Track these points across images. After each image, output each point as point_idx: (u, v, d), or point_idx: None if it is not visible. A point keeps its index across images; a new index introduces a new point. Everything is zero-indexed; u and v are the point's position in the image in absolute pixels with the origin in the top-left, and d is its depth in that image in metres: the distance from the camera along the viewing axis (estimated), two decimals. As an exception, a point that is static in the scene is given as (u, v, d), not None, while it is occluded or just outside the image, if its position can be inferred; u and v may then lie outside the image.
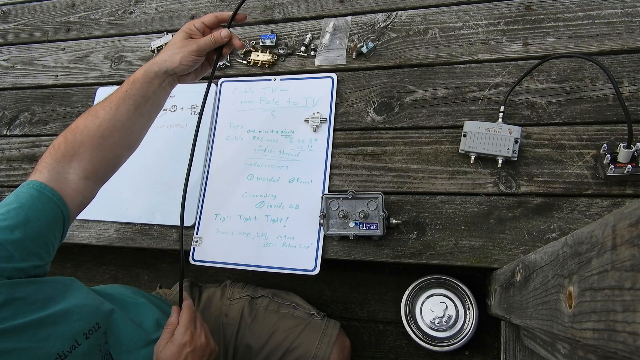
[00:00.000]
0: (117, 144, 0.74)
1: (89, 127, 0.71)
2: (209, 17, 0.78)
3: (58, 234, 0.66)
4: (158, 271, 1.52)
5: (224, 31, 0.77)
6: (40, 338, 0.55)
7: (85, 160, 0.70)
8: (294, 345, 0.92)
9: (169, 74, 0.76)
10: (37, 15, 1.41)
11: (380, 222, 0.84)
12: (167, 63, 0.74)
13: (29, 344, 0.54)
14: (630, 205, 0.34)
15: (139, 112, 0.74)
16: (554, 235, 0.81)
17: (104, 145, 0.72)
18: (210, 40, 0.76)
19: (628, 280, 0.32)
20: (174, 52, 0.75)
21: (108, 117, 0.71)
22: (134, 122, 0.75)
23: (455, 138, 0.92)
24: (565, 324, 0.44)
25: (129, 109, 0.73)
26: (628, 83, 0.87)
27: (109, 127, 0.71)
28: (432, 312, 1.13)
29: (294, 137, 1.00)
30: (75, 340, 0.60)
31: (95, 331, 0.64)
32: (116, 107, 0.72)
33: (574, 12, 0.95)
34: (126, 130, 0.74)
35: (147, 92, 0.74)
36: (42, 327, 0.56)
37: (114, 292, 0.81)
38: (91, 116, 0.72)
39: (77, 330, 0.60)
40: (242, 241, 0.96)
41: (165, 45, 0.77)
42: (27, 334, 0.54)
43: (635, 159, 0.78)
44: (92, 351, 0.62)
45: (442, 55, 0.99)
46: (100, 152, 0.71)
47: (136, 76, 0.75)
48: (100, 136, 0.71)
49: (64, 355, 0.57)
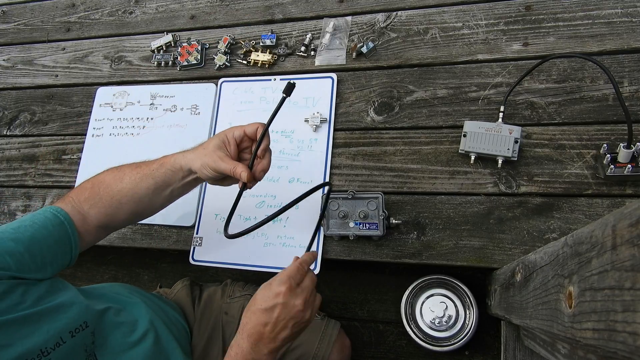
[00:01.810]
0: (130, 211, 0.77)
1: (112, 187, 0.75)
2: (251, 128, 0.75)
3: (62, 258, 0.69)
4: (158, 271, 1.52)
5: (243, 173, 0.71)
6: (23, 335, 0.56)
7: (101, 213, 0.75)
8: (294, 345, 0.92)
9: (193, 172, 0.75)
10: (37, 15, 1.41)
11: (380, 222, 0.84)
12: (191, 163, 0.74)
13: (11, 340, 0.55)
14: (630, 205, 0.34)
15: (158, 194, 0.77)
16: (554, 235, 0.81)
17: (119, 209, 0.76)
18: (228, 169, 0.72)
19: (628, 280, 0.32)
20: (199, 156, 0.73)
21: (129, 187, 0.75)
22: (151, 199, 0.77)
23: (455, 138, 0.92)
24: (565, 324, 0.44)
25: (149, 187, 0.76)
26: (628, 83, 0.87)
27: (127, 195, 0.75)
28: (432, 312, 1.13)
29: (294, 137, 1.00)
30: (60, 338, 0.60)
31: (82, 330, 0.64)
32: (139, 180, 0.75)
33: (574, 12, 0.95)
34: (142, 204, 0.77)
35: (170, 179, 0.76)
36: (26, 324, 0.57)
37: (108, 291, 0.81)
38: (118, 177, 0.76)
39: (62, 328, 0.61)
40: (242, 241, 0.96)
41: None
42: (10, 330, 0.55)
43: (635, 159, 0.78)
44: (76, 350, 0.62)
45: (442, 55, 0.99)
46: (114, 212, 0.76)
47: (167, 160, 0.76)
48: (118, 200, 0.75)
49: (47, 352, 0.57)
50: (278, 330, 0.64)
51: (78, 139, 1.17)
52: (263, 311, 0.65)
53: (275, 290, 0.65)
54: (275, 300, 0.65)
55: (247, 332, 0.65)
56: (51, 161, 1.17)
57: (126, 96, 1.17)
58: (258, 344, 0.64)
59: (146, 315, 0.79)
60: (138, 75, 1.20)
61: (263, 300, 0.65)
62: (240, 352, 0.65)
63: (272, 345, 0.64)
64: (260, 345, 0.64)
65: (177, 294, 1.00)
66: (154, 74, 1.19)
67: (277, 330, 0.64)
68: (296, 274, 0.67)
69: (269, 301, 0.65)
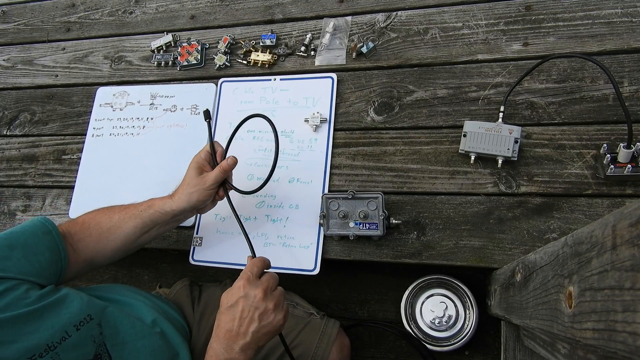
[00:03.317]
0: (117, 248, 0.81)
1: (101, 224, 0.80)
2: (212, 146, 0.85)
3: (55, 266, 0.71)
4: (158, 271, 1.52)
5: (229, 159, 0.82)
6: (28, 331, 0.58)
7: (89, 249, 0.79)
8: (293, 344, 0.92)
9: (187, 211, 0.83)
10: (37, 15, 1.41)
11: (380, 222, 0.84)
12: (185, 204, 0.81)
13: (16, 336, 0.56)
14: (630, 205, 0.34)
15: (145, 232, 0.83)
16: (554, 235, 0.81)
17: (107, 245, 0.80)
18: (220, 172, 0.82)
19: (628, 280, 0.32)
20: (191, 191, 0.81)
21: (117, 225, 0.80)
22: (138, 237, 0.82)
23: (455, 138, 0.91)
24: (565, 324, 0.44)
25: (137, 226, 0.81)
26: (628, 83, 0.87)
27: (114, 232, 0.80)
28: (432, 312, 1.13)
29: (294, 137, 1.00)
30: (66, 332, 0.61)
31: (87, 323, 0.65)
32: (127, 219, 0.81)
33: (574, 12, 0.95)
34: (129, 241, 0.82)
35: (158, 220, 0.82)
36: (30, 321, 0.59)
37: (109, 291, 0.82)
38: (107, 216, 0.81)
39: (66, 322, 0.62)
40: (242, 241, 0.95)
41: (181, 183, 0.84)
42: (14, 326, 0.57)
43: (635, 159, 0.78)
44: (83, 342, 0.64)
45: (442, 55, 0.99)
46: (101, 248, 0.80)
47: (155, 202, 0.83)
48: (106, 237, 0.80)
49: (54, 346, 0.59)
50: (246, 323, 0.67)
51: (78, 139, 1.17)
52: (228, 308, 0.68)
53: (235, 286, 0.70)
54: (237, 294, 0.68)
55: (218, 333, 0.69)
56: (51, 161, 1.17)
57: (126, 96, 1.17)
58: (229, 343, 0.67)
59: (149, 313, 0.80)
60: (138, 75, 1.20)
61: (226, 299, 0.69)
62: (214, 355, 0.68)
63: (243, 341, 0.67)
64: (232, 343, 0.67)
65: (176, 294, 1.00)
66: (154, 74, 1.19)
67: (245, 324, 0.67)
68: (252, 268, 0.72)
69: (231, 298, 0.69)
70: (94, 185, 1.09)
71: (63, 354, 0.60)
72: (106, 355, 0.67)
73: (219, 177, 0.82)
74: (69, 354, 0.61)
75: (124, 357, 0.69)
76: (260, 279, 0.71)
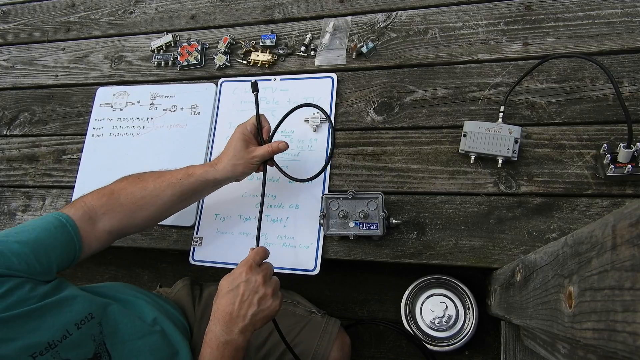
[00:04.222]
0: (149, 217, 0.81)
1: (134, 194, 0.78)
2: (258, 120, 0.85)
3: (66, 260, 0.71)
4: (158, 271, 1.52)
5: (281, 144, 0.84)
6: (28, 329, 0.58)
7: (116, 219, 0.77)
8: (294, 343, 0.92)
9: (229, 180, 0.84)
10: (37, 15, 1.41)
11: (380, 222, 0.84)
12: (230, 173, 0.82)
13: (17, 334, 0.57)
14: (630, 205, 0.34)
15: (182, 200, 0.83)
16: (554, 235, 0.81)
17: (139, 214, 0.79)
18: (268, 152, 0.83)
19: (628, 280, 0.33)
20: (236, 163, 0.81)
21: (153, 194, 0.79)
22: (174, 205, 0.82)
23: (455, 138, 0.92)
24: (565, 324, 0.44)
25: (175, 194, 0.80)
26: (628, 83, 0.87)
27: (149, 201, 0.79)
28: (432, 312, 1.13)
29: (294, 137, 1.00)
30: (67, 330, 0.62)
31: (88, 321, 0.65)
32: (165, 188, 0.80)
33: (574, 12, 0.95)
34: (164, 210, 0.82)
35: (198, 188, 0.82)
36: (31, 319, 0.59)
37: (109, 289, 0.82)
38: (140, 185, 0.79)
39: (67, 321, 0.63)
40: (242, 241, 0.96)
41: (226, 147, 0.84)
42: (16, 324, 0.57)
43: (635, 159, 0.78)
44: (84, 341, 0.64)
45: (442, 55, 0.99)
46: (132, 218, 0.79)
47: (195, 171, 0.82)
48: (139, 206, 0.79)
49: (55, 344, 0.59)
50: (246, 306, 0.69)
51: (78, 139, 1.17)
52: (228, 292, 0.71)
53: (237, 272, 0.72)
54: (238, 279, 0.71)
55: (217, 316, 0.71)
56: (51, 161, 1.17)
57: (126, 96, 1.17)
58: (229, 325, 0.69)
59: (150, 311, 0.80)
60: (138, 75, 1.20)
61: (228, 284, 0.72)
62: (214, 337, 0.70)
63: (242, 324, 0.69)
64: (231, 325, 0.69)
65: (177, 293, 1.00)
66: (154, 74, 1.19)
67: (244, 307, 0.69)
68: (255, 257, 0.74)
69: (233, 282, 0.71)
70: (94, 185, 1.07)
71: (63, 353, 0.60)
72: (105, 354, 0.67)
73: (266, 156, 0.83)
74: (69, 352, 0.61)
75: (123, 356, 0.69)
76: (261, 266, 0.74)
